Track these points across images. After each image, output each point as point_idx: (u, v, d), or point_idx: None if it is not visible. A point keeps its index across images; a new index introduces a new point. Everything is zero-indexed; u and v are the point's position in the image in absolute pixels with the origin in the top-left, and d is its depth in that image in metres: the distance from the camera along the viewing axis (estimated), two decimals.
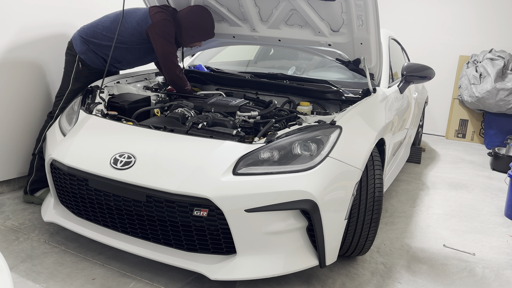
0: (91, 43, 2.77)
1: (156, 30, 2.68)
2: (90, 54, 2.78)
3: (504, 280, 2.36)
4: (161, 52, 2.71)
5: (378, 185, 2.21)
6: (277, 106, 2.58)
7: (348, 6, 2.37)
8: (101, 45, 2.76)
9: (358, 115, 2.28)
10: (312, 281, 2.17)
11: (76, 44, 2.80)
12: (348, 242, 2.19)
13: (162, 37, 2.68)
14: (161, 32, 2.67)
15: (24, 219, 2.63)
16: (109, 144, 2.11)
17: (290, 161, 1.91)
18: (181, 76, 2.82)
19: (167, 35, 2.70)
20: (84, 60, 2.79)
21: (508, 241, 2.85)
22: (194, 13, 2.80)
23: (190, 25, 2.78)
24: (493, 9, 5.68)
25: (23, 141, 3.01)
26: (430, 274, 2.35)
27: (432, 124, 6.21)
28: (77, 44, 2.79)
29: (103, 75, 2.82)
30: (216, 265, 1.91)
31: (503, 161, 4.44)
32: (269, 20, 2.78)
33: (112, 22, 2.77)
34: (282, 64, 3.61)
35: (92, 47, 2.77)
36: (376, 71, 2.71)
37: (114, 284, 2.04)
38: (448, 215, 3.22)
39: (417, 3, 6.09)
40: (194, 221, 1.88)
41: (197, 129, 2.21)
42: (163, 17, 2.70)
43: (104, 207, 2.06)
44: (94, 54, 2.79)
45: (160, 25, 2.68)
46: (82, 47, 2.78)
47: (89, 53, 2.78)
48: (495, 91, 5.08)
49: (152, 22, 2.69)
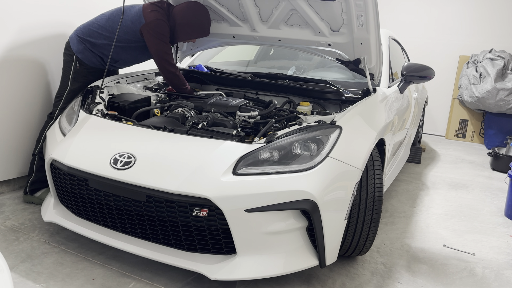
0: (87, 42, 2.77)
1: (149, 29, 2.65)
2: (87, 53, 2.78)
3: (504, 280, 2.36)
4: (154, 52, 2.70)
5: (378, 185, 2.21)
6: (277, 106, 2.58)
7: (348, 6, 2.37)
8: (96, 43, 2.76)
9: (358, 115, 2.28)
10: (312, 281, 2.17)
11: (73, 43, 2.80)
12: (348, 242, 2.19)
13: (156, 36, 2.66)
14: (154, 32, 2.65)
15: (24, 219, 2.63)
16: (109, 144, 2.11)
17: (290, 161, 1.91)
18: (177, 74, 2.80)
19: (161, 35, 2.67)
20: (82, 59, 2.79)
21: (508, 241, 2.85)
22: (191, 9, 2.77)
23: (185, 21, 2.75)
24: (493, 9, 5.68)
25: (23, 141, 3.02)
26: (430, 274, 2.35)
27: (432, 124, 6.21)
28: (74, 44, 2.79)
29: (101, 74, 2.82)
30: (216, 265, 1.91)
31: (503, 161, 4.44)
32: (269, 20, 2.78)
33: (107, 21, 2.76)
34: (282, 64, 3.61)
35: (88, 46, 2.77)
36: (376, 71, 2.71)
37: (114, 284, 2.04)
38: (448, 215, 3.22)
39: (417, 3, 6.09)
40: (194, 221, 1.88)
41: (197, 129, 2.21)
42: (157, 16, 2.67)
43: (104, 207, 2.06)
44: (91, 53, 2.78)
45: (153, 25, 2.65)
46: (79, 46, 2.77)
47: (86, 52, 2.78)
48: (495, 91, 5.08)
49: (146, 22, 2.67)
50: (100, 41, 2.75)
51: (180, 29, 2.76)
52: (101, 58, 2.82)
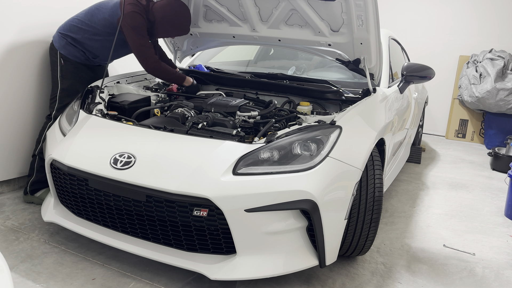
0: (69, 37, 2.76)
1: (124, 22, 2.62)
2: (69, 48, 2.77)
3: (504, 280, 2.36)
4: (132, 44, 2.67)
5: (378, 185, 2.20)
6: (277, 106, 2.58)
7: (348, 6, 2.37)
8: (77, 38, 2.75)
9: (358, 115, 2.28)
10: (312, 281, 2.17)
11: (55, 40, 2.80)
12: (348, 242, 2.19)
13: (132, 29, 2.63)
14: (129, 24, 2.62)
15: (24, 219, 2.63)
16: (109, 144, 2.11)
17: (290, 161, 1.91)
18: (159, 66, 2.73)
19: (137, 28, 2.64)
20: (65, 54, 2.77)
21: (508, 241, 2.85)
22: (172, 7, 2.72)
23: (165, 19, 2.72)
24: (493, 9, 5.68)
25: (23, 141, 3.01)
26: (430, 274, 2.35)
27: (432, 124, 6.21)
28: (56, 41, 2.79)
29: (89, 69, 2.81)
30: (216, 265, 1.91)
31: (503, 161, 4.44)
32: (269, 20, 2.78)
33: (86, 14, 2.76)
34: (282, 64, 3.61)
35: (70, 40, 2.76)
36: (376, 71, 2.71)
37: (114, 284, 2.04)
38: (448, 215, 3.22)
39: (417, 3, 6.09)
40: (194, 221, 1.88)
41: (197, 129, 2.21)
42: (132, 9, 2.62)
43: (104, 207, 2.06)
44: (73, 47, 2.77)
45: (128, 17, 2.62)
46: (60, 42, 2.77)
47: (68, 46, 2.77)
48: (495, 91, 5.08)
49: (122, 14, 2.63)
50: (80, 35, 2.74)
51: (159, 26, 2.74)
52: (84, 53, 2.80)
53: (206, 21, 3.04)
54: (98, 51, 2.82)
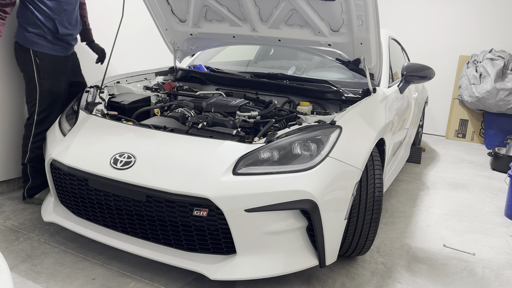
0: (32, 24, 2.59)
1: None
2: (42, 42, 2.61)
3: (504, 280, 2.36)
4: None
5: (378, 185, 2.21)
6: (277, 106, 2.58)
7: (348, 6, 2.37)
8: (40, 18, 2.57)
9: (358, 115, 2.28)
10: (312, 281, 2.17)
11: (23, 38, 2.63)
12: (348, 242, 2.19)
13: None
14: None
15: (24, 219, 2.63)
16: (109, 144, 2.11)
17: (290, 161, 1.91)
18: None
19: None
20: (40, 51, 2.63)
21: (508, 241, 2.85)
22: None
23: None
24: (493, 9, 5.68)
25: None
26: (430, 274, 2.35)
27: (432, 124, 6.21)
28: (25, 38, 2.62)
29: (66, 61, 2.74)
30: (216, 265, 1.91)
31: (503, 161, 4.44)
32: (269, 20, 2.78)
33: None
34: (282, 64, 3.61)
35: (37, 29, 2.59)
36: (376, 71, 2.71)
37: (114, 284, 2.04)
38: (448, 215, 3.22)
39: (417, 3, 6.09)
40: (194, 221, 1.88)
41: (197, 129, 2.21)
42: None
43: (104, 207, 2.07)
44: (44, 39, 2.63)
45: None
46: (30, 38, 2.60)
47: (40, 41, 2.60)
48: (495, 91, 5.08)
49: None
50: (38, 11, 2.56)
51: None
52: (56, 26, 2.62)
53: (206, 21, 3.03)
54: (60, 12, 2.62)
